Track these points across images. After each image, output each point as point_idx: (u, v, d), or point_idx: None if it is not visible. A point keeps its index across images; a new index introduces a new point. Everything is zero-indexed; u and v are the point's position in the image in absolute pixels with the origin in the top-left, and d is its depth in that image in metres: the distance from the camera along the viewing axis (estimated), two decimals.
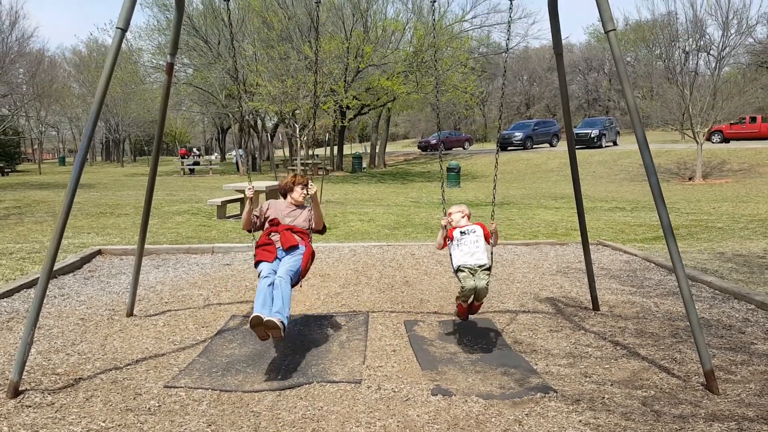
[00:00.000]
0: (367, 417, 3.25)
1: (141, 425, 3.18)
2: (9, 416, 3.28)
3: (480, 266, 4.27)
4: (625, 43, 40.80)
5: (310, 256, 4.57)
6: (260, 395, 3.54)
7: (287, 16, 28.85)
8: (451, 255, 4.45)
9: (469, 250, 4.33)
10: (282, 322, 3.84)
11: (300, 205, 4.84)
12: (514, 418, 3.22)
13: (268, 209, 4.79)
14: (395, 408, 3.35)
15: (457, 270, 4.33)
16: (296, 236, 4.58)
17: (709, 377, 3.55)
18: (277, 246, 4.50)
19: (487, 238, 4.44)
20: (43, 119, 42.45)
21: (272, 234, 4.59)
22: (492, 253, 4.48)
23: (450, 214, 4.58)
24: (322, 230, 4.88)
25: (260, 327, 3.78)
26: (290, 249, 4.46)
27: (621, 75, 3.88)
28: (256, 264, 4.42)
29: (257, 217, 4.78)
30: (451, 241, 4.44)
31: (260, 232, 4.79)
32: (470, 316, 4.58)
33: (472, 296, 4.15)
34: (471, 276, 4.19)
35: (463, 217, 4.57)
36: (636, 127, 3.85)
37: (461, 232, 4.42)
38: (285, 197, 4.90)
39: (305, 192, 4.77)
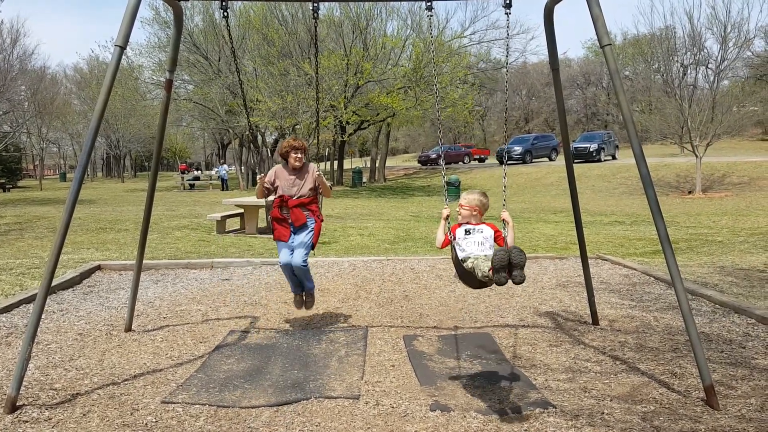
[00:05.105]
0: None
1: None
2: (6, 431, 3.26)
3: (487, 256, 3.43)
4: (623, 58, 41.06)
5: (320, 227, 5.20)
6: (257, 411, 3.52)
7: (287, 33, 29.07)
8: (454, 254, 3.62)
9: (472, 249, 3.56)
10: (312, 291, 5.31)
11: (301, 170, 5.15)
12: None
13: (275, 179, 5.18)
14: (393, 424, 3.33)
15: (463, 261, 3.51)
16: (305, 211, 5.10)
17: (710, 392, 3.53)
18: (289, 221, 5.08)
19: (498, 240, 3.67)
20: (44, 136, 42.62)
21: (283, 209, 5.09)
22: None
23: (461, 206, 3.84)
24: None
25: (299, 299, 5.29)
26: (301, 227, 5.05)
27: (617, 89, 3.91)
28: (275, 239, 5.13)
29: (267, 188, 5.19)
30: (454, 239, 3.66)
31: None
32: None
33: (506, 264, 3.07)
34: (484, 259, 3.35)
35: (474, 214, 3.79)
36: (632, 140, 3.87)
37: (465, 231, 3.67)
38: (287, 161, 5.19)
39: (299, 156, 5.11)
